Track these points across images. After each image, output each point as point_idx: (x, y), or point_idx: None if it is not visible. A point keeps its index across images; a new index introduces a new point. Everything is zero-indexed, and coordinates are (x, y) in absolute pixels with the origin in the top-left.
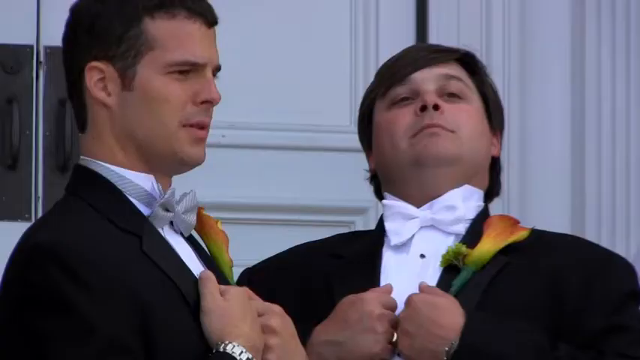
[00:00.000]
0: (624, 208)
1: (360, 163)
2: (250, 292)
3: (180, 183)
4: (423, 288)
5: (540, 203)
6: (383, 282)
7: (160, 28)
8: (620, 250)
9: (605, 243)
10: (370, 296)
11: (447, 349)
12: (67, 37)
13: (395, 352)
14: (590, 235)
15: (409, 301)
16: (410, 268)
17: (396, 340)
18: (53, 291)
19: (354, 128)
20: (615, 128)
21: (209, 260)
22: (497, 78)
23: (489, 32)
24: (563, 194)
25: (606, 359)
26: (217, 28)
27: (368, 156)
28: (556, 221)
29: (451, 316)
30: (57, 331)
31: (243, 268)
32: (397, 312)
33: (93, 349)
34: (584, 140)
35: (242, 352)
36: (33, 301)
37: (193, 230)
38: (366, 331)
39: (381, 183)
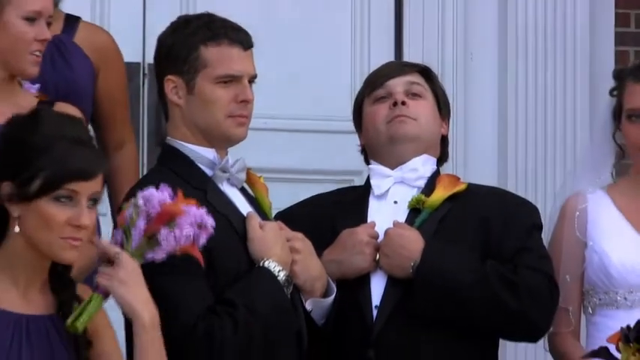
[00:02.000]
0: (532, 170)
1: (355, 141)
2: (282, 224)
3: (236, 153)
4: (395, 224)
5: (475, 166)
6: (369, 219)
7: (210, 52)
8: (530, 196)
9: (519, 192)
10: (360, 229)
11: (412, 264)
12: (155, 59)
13: (377, 267)
14: (510, 187)
15: (386, 233)
16: (387, 210)
17: (378, 259)
18: None
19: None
20: (528, 117)
21: (255, 204)
22: (448, 80)
23: (444, 49)
24: (491, 160)
25: (519, 270)
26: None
27: (359, 136)
28: (486, 178)
29: (415, 243)
30: None
31: (277, 211)
32: (379, 240)
33: (172, 266)
34: (507, 125)
35: (275, 266)
36: None
37: (245, 184)
38: (358, 253)
39: (368, 154)
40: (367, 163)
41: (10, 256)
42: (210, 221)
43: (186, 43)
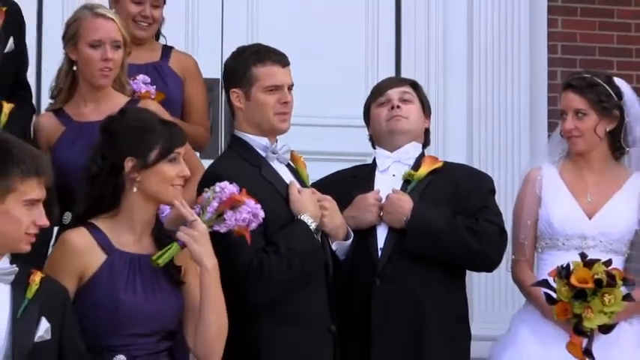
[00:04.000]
0: (490, 151)
1: (366, 133)
2: (314, 189)
3: (285, 140)
4: (393, 190)
5: (450, 149)
6: (375, 188)
7: (260, 71)
8: (488, 169)
9: (482, 167)
10: (369, 195)
11: (405, 219)
12: (223, 77)
13: (381, 221)
14: (474, 163)
15: (388, 197)
16: (388, 181)
17: (382, 215)
18: None
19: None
20: (487, 115)
21: (296, 175)
22: (432, 88)
23: (437, 66)
24: (461, 144)
25: (480, 222)
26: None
27: (368, 129)
28: (458, 157)
29: (407, 204)
30: None
31: (312, 181)
32: (382, 202)
33: None
34: (472, 121)
35: (308, 219)
36: None
37: (290, 161)
38: (368, 211)
39: (374, 141)
40: (374, 147)
41: (129, 211)
42: (261, 213)
43: (243, 65)
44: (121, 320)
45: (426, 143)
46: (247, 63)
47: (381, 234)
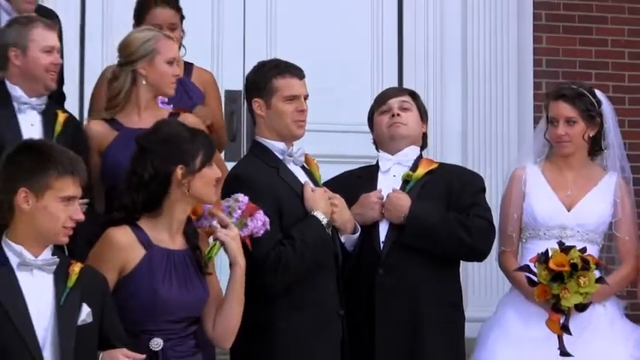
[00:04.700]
0: (483, 152)
1: (370, 137)
2: (326, 188)
3: (299, 144)
4: (393, 190)
5: (447, 150)
6: (378, 187)
7: (279, 82)
8: (480, 169)
9: (474, 167)
10: (372, 194)
11: (403, 215)
12: (245, 89)
13: (383, 218)
14: (469, 164)
15: (388, 196)
16: (389, 181)
17: (383, 212)
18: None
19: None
20: (480, 119)
21: (310, 176)
22: (431, 98)
23: (435, 78)
24: (456, 146)
25: (471, 217)
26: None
27: (372, 134)
28: (454, 157)
29: (405, 202)
30: None
31: (324, 181)
32: (384, 200)
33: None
34: (467, 126)
35: (320, 214)
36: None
37: (304, 163)
38: (371, 209)
39: (377, 145)
40: (377, 150)
41: (170, 212)
42: (268, 222)
43: (264, 77)
44: (157, 309)
45: (423, 146)
46: (268, 75)
47: (383, 229)
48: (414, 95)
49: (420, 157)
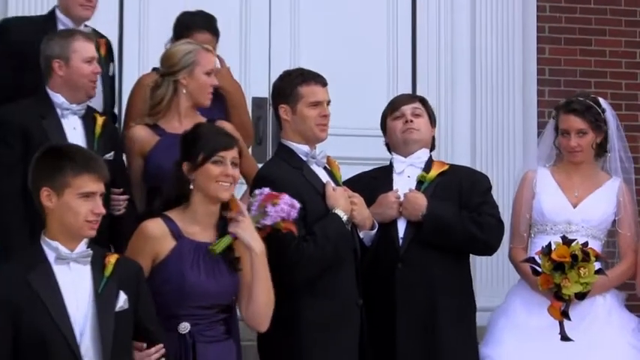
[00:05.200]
0: (490, 154)
1: (382, 141)
2: (346, 188)
3: (321, 147)
4: (410, 190)
5: (457, 152)
6: (394, 188)
7: (304, 89)
8: (488, 170)
9: (483, 168)
10: (390, 194)
11: (421, 214)
12: (272, 96)
13: (400, 216)
14: (477, 165)
15: (406, 195)
16: (404, 181)
17: (401, 211)
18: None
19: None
20: (488, 121)
21: (332, 176)
22: (442, 104)
23: (446, 87)
24: (466, 148)
25: (482, 215)
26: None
27: (385, 138)
28: (463, 159)
29: (422, 201)
30: None
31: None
32: (401, 199)
33: None
34: (475, 130)
35: (341, 212)
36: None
37: (326, 164)
38: (390, 208)
39: (390, 148)
40: (389, 152)
41: (195, 206)
42: (297, 202)
43: (290, 85)
44: (186, 294)
45: (432, 147)
46: (294, 83)
47: (401, 226)
48: (424, 102)
49: (431, 157)
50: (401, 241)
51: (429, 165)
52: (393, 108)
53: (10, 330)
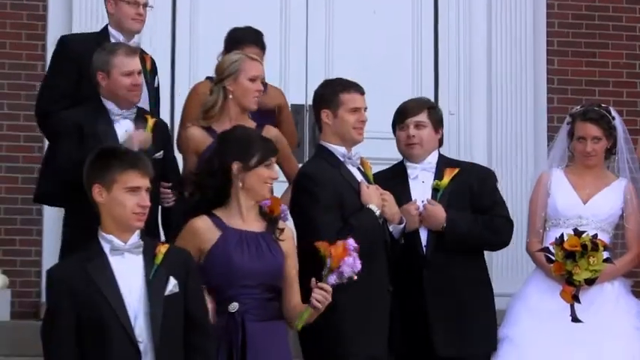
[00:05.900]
0: (505, 155)
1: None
2: (378, 186)
3: (356, 149)
4: (429, 201)
5: (474, 152)
6: (412, 196)
7: (345, 96)
8: (503, 171)
9: (497, 166)
10: (410, 206)
11: (443, 226)
12: (313, 102)
13: (421, 225)
14: (492, 164)
15: (425, 207)
16: (419, 186)
17: (422, 221)
18: (305, 188)
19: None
20: (502, 123)
21: (365, 175)
22: (462, 110)
23: (465, 94)
24: (482, 149)
25: (494, 217)
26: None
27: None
28: (480, 158)
29: (441, 213)
30: (306, 202)
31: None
32: (420, 209)
33: (320, 206)
34: (491, 133)
35: (374, 207)
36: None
37: (360, 165)
38: (411, 221)
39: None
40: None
41: (237, 200)
42: (358, 264)
43: (332, 92)
44: (233, 274)
45: (440, 146)
46: (335, 90)
47: (423, 234)
48: (430, 109)
49: (440, 155)
50: (425, 249)
51: (440, 169)
52: (399, 118)
53: (73, 315)
